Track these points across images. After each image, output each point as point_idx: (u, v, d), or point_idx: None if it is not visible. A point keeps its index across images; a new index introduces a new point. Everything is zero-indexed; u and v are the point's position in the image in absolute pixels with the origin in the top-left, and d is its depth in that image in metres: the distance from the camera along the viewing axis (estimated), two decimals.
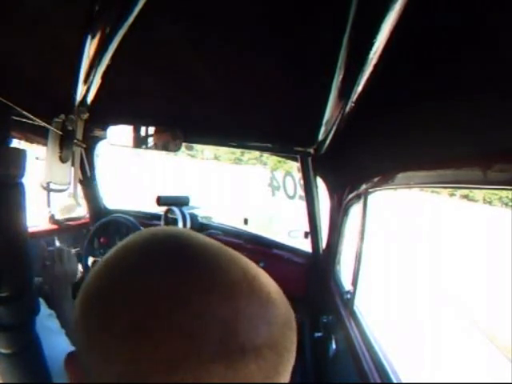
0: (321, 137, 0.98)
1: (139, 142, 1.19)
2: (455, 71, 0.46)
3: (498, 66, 0.39)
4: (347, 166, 1.25)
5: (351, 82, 0.53)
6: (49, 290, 0.85)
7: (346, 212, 1.34)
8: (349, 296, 1.24)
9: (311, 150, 1.24)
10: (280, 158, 1.74)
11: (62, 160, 0.86)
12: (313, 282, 1.67)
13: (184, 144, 1.22)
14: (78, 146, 0.90)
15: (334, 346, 1.27)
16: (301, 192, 1.69)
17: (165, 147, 1.19)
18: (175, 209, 1.81)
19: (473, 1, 0.34)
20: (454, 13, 0.36)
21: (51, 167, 0.84)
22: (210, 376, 0.20)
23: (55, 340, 0.60)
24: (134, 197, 4.48)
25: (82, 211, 1.99)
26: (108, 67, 0.59)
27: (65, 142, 0.86)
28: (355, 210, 1.29)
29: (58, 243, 1.70)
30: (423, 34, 0.43)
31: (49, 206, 1.77)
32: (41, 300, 0.67)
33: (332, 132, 0.87)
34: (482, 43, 0.38)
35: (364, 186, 1.11)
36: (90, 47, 0.51)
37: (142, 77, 0.81)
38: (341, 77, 0.52)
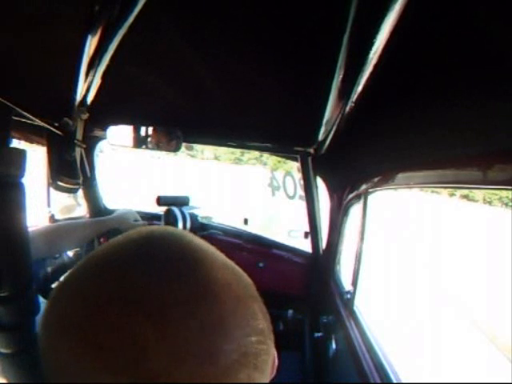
0: (321, 137, 0.98)
1: (139, 141, 1.19)
2: (455, 71, 0.46)
3: (498, 66, 0.39)
4: (347, 166, 1.25)
5: (351, 82, 0.53)
6: None
7: (345, 212, 1.34)
8: (349, 296, 1.24)
9: (311, 150, 1.24)
10: (280, 158, 1.74)
11: (65, 160, 0.86)
12: (313, 282, 1.67)
13: (184, 144, 1.22)
14: (78, 146, 0.90)
15: (334, 345, 1.27)
16: (301, 192, 1.69)
17: (164, 147, 1.19)
18: (175, 209, 1.81)
19: (472, 1, 0.34)
20: (454, 13, 0.36)
21: (55, 168, 0.84)
22: None
23: None
24: (133, 196, 4.48)
25: (82, 211, 1.98)
26: (108, 67, 0.59)
27: (65, 143, 0.86)
28: (355, 210, 1.29)
29: None
30: (423, 34, 0.43)
31: (49, 205, 1.77)
32: (41, 300, 0.67)
33: (332, 132, 0.87)
34: (481, 43, 0.38)
35: (364, 186, 1.11)
36: (90, 47, 0.51)
37: (141, 77, 0.81)
38: (341, 77, 0.52)
